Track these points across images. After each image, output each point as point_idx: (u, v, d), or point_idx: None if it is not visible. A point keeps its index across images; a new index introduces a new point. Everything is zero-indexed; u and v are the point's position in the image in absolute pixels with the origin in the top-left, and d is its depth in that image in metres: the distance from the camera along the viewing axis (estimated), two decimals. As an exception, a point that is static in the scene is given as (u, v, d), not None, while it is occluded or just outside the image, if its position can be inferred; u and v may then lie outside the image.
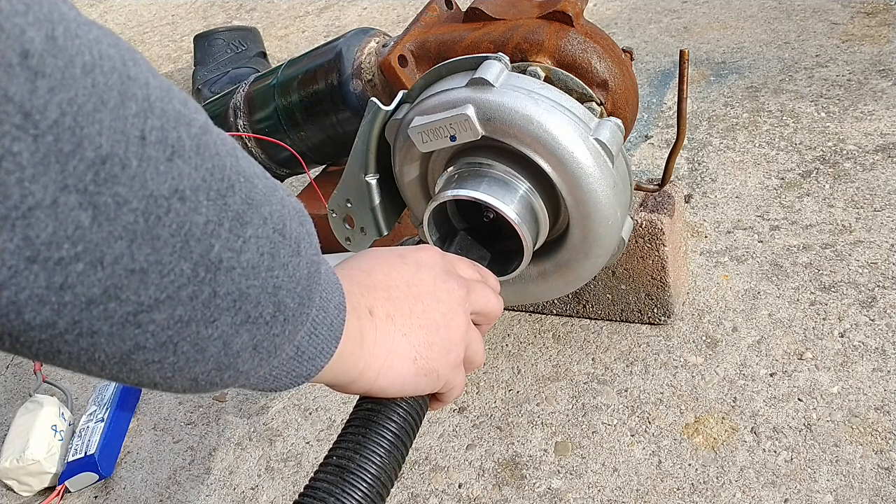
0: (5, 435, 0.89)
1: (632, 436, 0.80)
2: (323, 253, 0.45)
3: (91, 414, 0.89)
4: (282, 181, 1.07)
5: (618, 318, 0.92)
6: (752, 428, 0.78)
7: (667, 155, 0.84)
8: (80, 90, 0.27)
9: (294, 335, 0.39)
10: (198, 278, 0.33)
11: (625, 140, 0.75)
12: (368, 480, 0.45)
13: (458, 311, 0.51)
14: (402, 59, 0.83)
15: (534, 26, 0.78)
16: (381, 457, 0.47)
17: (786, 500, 0.71)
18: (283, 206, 0.38)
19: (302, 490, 0.44)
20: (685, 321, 0.91)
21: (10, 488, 0.86)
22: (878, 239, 0.96)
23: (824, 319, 0.87)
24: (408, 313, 0.48)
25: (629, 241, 0.84)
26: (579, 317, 0.94)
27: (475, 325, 0.55)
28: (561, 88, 0.74)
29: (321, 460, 0.46)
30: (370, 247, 0.83)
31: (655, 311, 0.90)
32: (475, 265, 0.59)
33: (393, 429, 0.48)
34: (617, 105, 0.78)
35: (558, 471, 0.78)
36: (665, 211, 0.85)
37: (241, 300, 0.35)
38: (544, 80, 0.74)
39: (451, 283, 0.52)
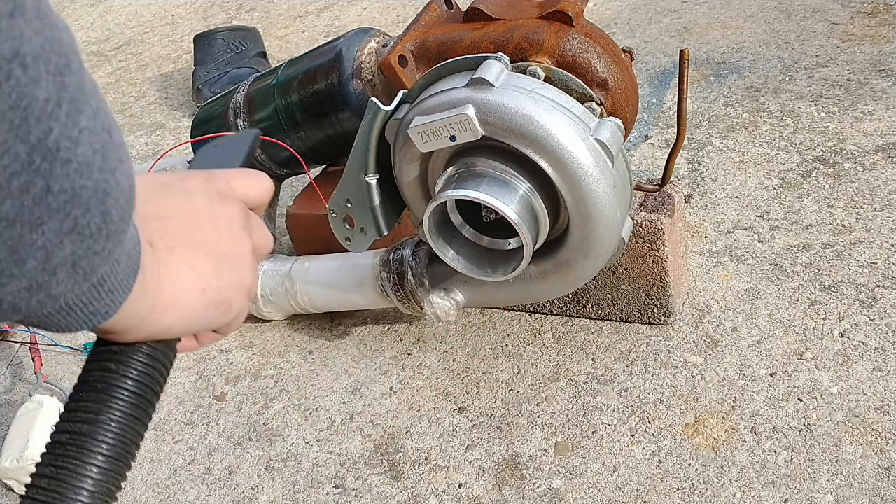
0: (5, 435, 0.89)
1: (632, 436, 0.80)
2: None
3: (91, 414, 0.89)
4: (282, 181, 1.07)
5: (618, 318, 0.92)
6: (752, 428, 0.78)
7: (667, 155, 0.84)
8: None
9: (111, 255, 0.36)
10: (33, 166, 0.30)
11: (625, 140, 0.75)
12: (101, 466, 0.41)
13: (241, 235, 0.48)
14: (402, 59, 0.83)
15: (534, 26, 0.78)
16: (116, 434, 0.42)
17: (786, 500, 0.71)
18: (106, 105, 0.35)
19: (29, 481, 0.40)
20: (685, 321, 0.91)
21: (10, 488, 0.86)
22: (878, 239, 0.96)
23: (824, 319, 0.87)
24: (188, 243, 0.44)
25: (629, 241, 0.84)
26: (579, 317, 0.94)
27: None
28: (561, 88, 0.74)
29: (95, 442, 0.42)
30: (370, 248, 0.83)
31: (655, 311, 0.90)
32: (247, 172, 0.53)
33: (132, 398, 0.43)
34: (617, 105, 0.78)
35: (558, 471, 0.78)
36: (665, 211, 0.85)
37: (72, 202, 0.32)
38: (544, 80, 0.74)
39: (229, 206, 0.48)
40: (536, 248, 0.73)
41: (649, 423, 0.81)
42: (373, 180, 0.79)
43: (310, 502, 0.80)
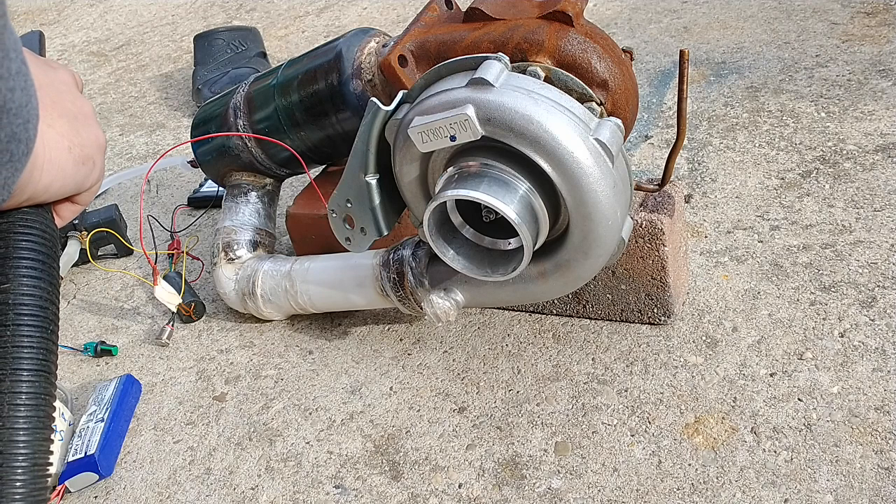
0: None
1: (632, 436, 0.80)
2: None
3: (91, 414, 0.89)
4: (282, 181, 1.07)
5: (618, 318, 0.92)
6: (752, 428, 0.78)
7: (667, 155, 0.84)
8: None
9: (25, 158, 0.41)
10: None
11: (625, 140, 0.75)
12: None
13: (80, 97, 0.52)
14: (402, 59, 0.83)
15: (534, 26, 0.78)
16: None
17: (786, 500, 0.71)
18: (16, 34, 0.39)
19: None
20: (685, 321, 0.91)
21: (10, 488, 0.86)
22: (878, 239, 0.96)
23: (824, 319, 0.87)
24: (44, 104, 0.47)
25: (629, 241, 0.84)
26: (579, 317, 0.94)
27: None
28: (561, 88, 0.74)
29: None
30: (370, 248, 0.84)
31: (655, 311, 0.90)
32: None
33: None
34: (617, 105, 0.78)
35: (558, 471, 0.78)
36: (665, 211, 0.85)
37: (11, 140, 0.37)
38: (544, 80, 0.74)
39: (61, 72, 0.52)
40: (536, 248, 0.73)
41: (649, 423, 0.81)
42: (373, 180, 0.79)
43: (310, 502, 0.80)
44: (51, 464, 0.47)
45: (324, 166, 1.06)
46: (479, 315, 0.97)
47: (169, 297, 1.02)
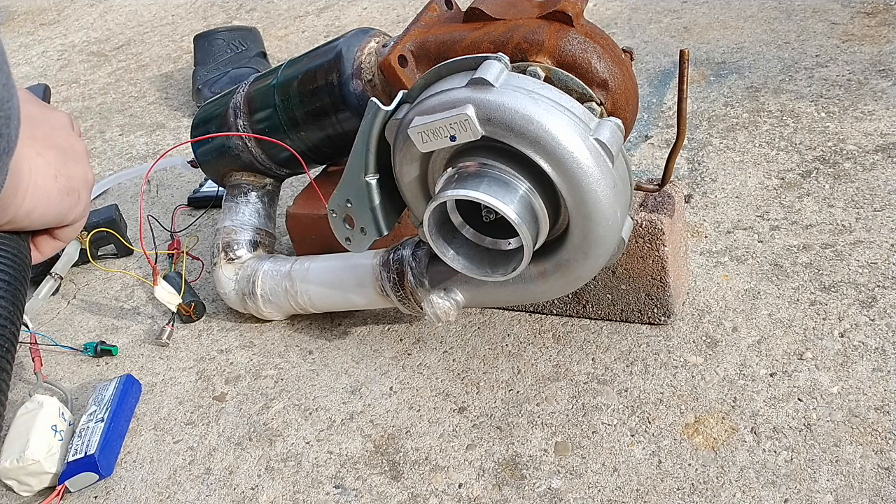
0: (5, 435, 0.89)
1: (632, 436, 0.80)
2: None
3: (91, 414, 0.89)
4: (282, 181, 1.07)
5: (618, 318, 0.92)
6: (752, 428, 0.78)
7: (667, 155, 0.84)
8: None
9: (6, 166, 0.42)
10: None
11: (625, 140, 0.75)
12: None
13: (74, 136, 0.54)
14: (402, 59, 0.83)
15: (534, 26, 0.78)
16: None
17: (786, 500, 0.71)
18: None
19: None
20: (685, 321, 0.91)
21: (10, 488, 0.86)
22: (878, 239, 0.96)
23: (824, 319, 0.87)
24: (31, 136, 0.49)
25: (629, 241, 0.84)
26: (579, 317, 0.94)
27: None
28: (561, 88, 0.74)
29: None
30: (370, 248, 0.84)
31: (655, 311, 0.90)
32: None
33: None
34: (617, 105, 0.78)
35: (558, 471, 0.78)
36: (665, 211, 0.85)
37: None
38: (544, 80, 0.74)
39: (57, 113, 0.54)
40: (536, 248, 0.73)
41: (649, 423, 0.81)
42: (373, 180, 0.79)
43: (310, 502, 0.80)
44: None
45: (324, 166, 1.06)
46: (479, 315, 0.97)
47: (169, 297, 1.02)
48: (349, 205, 0.81)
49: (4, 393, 0.48)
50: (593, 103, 0.76)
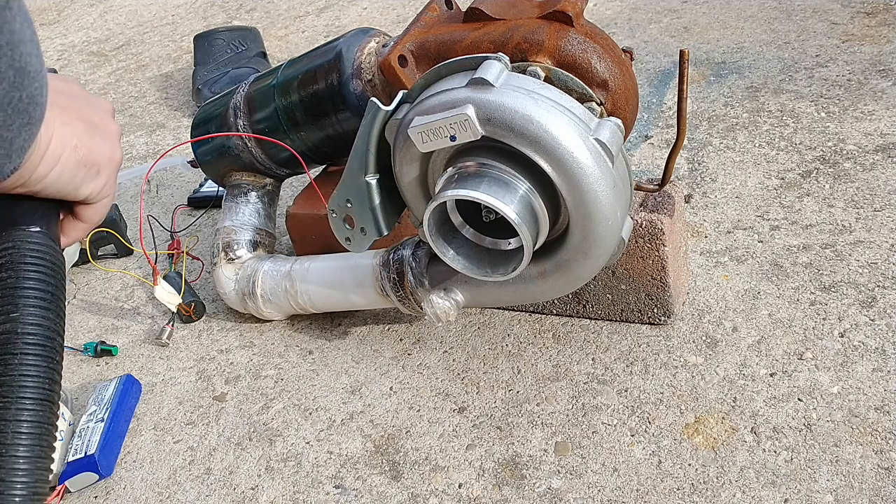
0: (5, 435, 0.88)
1: (632, 436, 0.80)
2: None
3: (91, 414, 0.89)
4: (282, 181, 1.07)
5: (618, 318, 0.92)
6: (752, 428, 0.78)
7: (667, 155, 0.84)
8: None
9: (38, 128, 0.44)
10: (16, 84, 0.38)
11: (625, 140, 0.75)
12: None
13: (111, 119, 0.55)
14: (402, 59, 0.83)
15: (534, 26, 0.78)
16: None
17: (786, 500, 0.71)
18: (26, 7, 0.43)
19: None
20: (685, 321, 0.91)
21: (10, 488, 0.86)
22: (878, 239, 0.96)
23: (824, 319, 0.87)
24: (65, 106, 0.50)
25: (629, 241, 0.84)
26: (579, 317, 0.94)
27: None
28: (561, 88, 0.74)
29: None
30: (370, 248, 0.84)
31: (655, 311, 0.90)
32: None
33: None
34: (617, 105, 0.78)
35: (558, 471, 0.78)
36: (665, 211, 0.85)
37: (31, 102, 0.41)
38: (544, 80, 0.74)
39: (101, 100, 0.55)
40: (536, 248, 0.73)
41: (649, 423, 0.81)
42: (373, 180, 0.79)
43: (310, 502, 0.80)
44: (49, 493, 0.49)
45: (324, 166, 1.06)
46: (479, 315, 0.97)
47: (169, 297, 1.02)
48: (349, 205, 0.81)
49: (57, 404, 0.49)
50: (593, 103, 0.76)
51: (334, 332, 1.00)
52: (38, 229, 0.51)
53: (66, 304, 1.13)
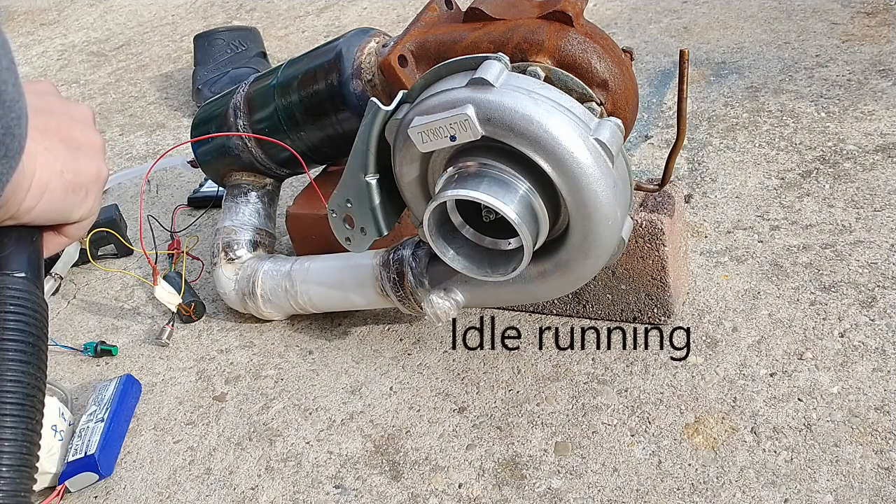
0: (5, 435, 0.88)
1: (632, 436, 0.80)
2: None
3: (91, 414, 0.89)
4: (282, 181, 1.07)
5: (618, 318, 0.92)
6: (752, 428, 0.78)
7: (667, 155, 0.84)
8: None
9: (17, 161, 0.41)
10: None
11: (625, 140, 0.75)
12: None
13: (93, 131, 0.52)
14: (402, 59, 0.83)
15: (534, 26, 0.78)
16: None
17: (786, 500, 0.71)
18: (4, 34, 0.41)
19: None
20: (685, 321, 0.90)
21: (10, 488, 0.86)
22: (878, 239, 0.96)
23: (824, 319, 0.87)
24: (43, 129, 0.48)
25: (629, 241, 0.84)
26: (579, 317, 0.94)
27: None
28: (561, 88, 0.74)
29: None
30: (370, 248, 0.84)
31: (655, 311, 0.90)
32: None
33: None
34: (617, 105, 0.78)
35: (558, 471, 0.78)
36: (665, 211, 0.85)
37: (6, 134, 0.39)
38: (544, 80, 0.74)
39: (81, 107, 0.53)
40: (536, 248, 0.73)
41: (649, 423, 0.81)
42: (373, 180, 0.79)
43: (310, 502, 0.80)
44: None
45: (324, 166, 1.06)
46: (480, 315, 0.97)
47: (169, 297, 1.02)
48: (349, 205, 0.81)
49: (34, 468, 0.45)
50: (593, 103, 0.76)
51: (334, 332, 1.00)
52: (22, 275, 0.48)
53: (66, 305, 1.13)
